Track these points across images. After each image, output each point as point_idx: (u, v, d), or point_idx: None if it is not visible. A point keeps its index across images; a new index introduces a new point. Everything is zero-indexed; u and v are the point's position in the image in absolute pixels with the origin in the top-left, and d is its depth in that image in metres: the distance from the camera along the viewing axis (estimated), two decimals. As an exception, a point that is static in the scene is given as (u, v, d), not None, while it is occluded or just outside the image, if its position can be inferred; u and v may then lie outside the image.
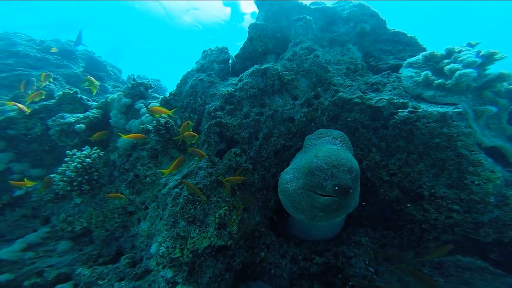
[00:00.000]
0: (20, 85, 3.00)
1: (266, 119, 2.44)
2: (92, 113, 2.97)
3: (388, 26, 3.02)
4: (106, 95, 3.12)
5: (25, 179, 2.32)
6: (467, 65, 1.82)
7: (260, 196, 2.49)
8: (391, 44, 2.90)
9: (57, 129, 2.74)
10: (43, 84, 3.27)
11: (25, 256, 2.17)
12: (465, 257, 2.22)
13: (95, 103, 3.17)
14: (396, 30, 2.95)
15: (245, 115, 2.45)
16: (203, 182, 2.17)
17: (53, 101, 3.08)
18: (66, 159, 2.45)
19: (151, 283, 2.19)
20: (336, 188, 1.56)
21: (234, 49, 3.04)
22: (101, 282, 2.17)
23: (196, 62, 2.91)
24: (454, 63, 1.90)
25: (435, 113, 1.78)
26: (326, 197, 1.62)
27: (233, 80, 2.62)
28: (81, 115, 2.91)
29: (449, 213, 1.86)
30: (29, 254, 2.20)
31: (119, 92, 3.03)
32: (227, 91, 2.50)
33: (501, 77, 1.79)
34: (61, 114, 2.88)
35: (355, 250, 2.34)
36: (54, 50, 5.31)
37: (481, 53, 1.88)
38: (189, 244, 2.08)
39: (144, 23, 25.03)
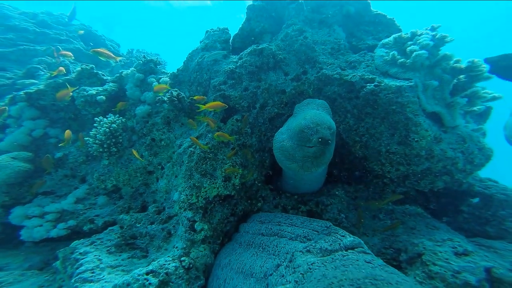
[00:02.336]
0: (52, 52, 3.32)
1: (262, 92, 2.92)
2: (109, 86, 3.38)
3: (372, 8, 3.38)
4: (121, 70, 3.50)
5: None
6: (423, 47, 2.29)
7: (258, 156, 3.04)
8: (373, 25, 3.29)
9: (82, 100, 3.17)
10: (59, 60, 3.61)
11: (77, 207, 2.77)
12: (411, 206, 2.90)
13: (110, 77, 3.56)
14: (378, 12, 3.32)
15: (245, 88, 2.92)
16: (211, 143, 2.70)
17: (73, 75, 3.46)
18: (95, 124, 2.93)
19: (174, 225, 2.78)
20: (320, 139, 2.06)
21: (235, 22, 3.38)
22: (138, 225, 2.77)
23: (201, 42, 3.28)
24: (414, 45, 2.37)
25: (393, 86, 2.30)
26: (312, 147, 2.16)
27: (234, 58, 3.04)
28: (100, 88, 3.32)
29: (398, 166, 2.48)
30: (80, 206, 2.79)
31: (132, 68, 3.41)
32: (229, 68, 2.93)
33: (444, 57, 2.28)
34: (83, 87, 3.29)
35: (332, 200, 2.94)
36: (80, 32, 5.40)
37: (436, 36, 2.34)
38: (203, 192, 2.61)
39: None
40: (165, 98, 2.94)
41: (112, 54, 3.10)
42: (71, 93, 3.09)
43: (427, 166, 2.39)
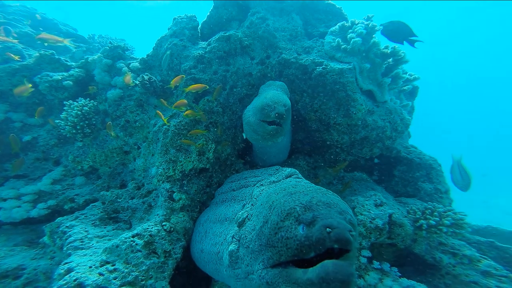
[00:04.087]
0: None
1: (231, 75, 3.22)
2: (75, 72, 3.37)
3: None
4: (85, 56, 3.48)
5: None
6: (358, 35, 2.81)
7: (230, 133, 3.36)
8: (325, 14, 3.74)
9: (46, 85, 3.14)
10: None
11: (55, 188, 2.84)
12: (358, 173, 3.55)
13: (75, 63, 3.52)
14: (330, 2, 3.78)
15: (214, 72, 3.20)
16: (184, 121, 2.96)
17: (31, 61, 3.35)
18: (65, 107, 2.97)
19: (154, 198, 3.02)
20: (276, 114, 2.48)
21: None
22: (120, 200, 2.95)
23: (169, 28, 3.42)
24: (353, 33, 2.88)
25: (337, 68, 2.81)
26: (271, 126, 2.55)
27: (203, 44, 3.27)
28: (66, 74, 3.30)
29: (343, 135, 3.06)
30: (58, 187, 2.86)
31: (99, 54, 3.42)
32: (199, 53, 3.16)
33: (374, 44, 2.85)
34: (45, 72, 3.23)
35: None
36: (38, 17, 4.90)
37: (369, 26, 2.88)
38: (179, 166, 2.88)
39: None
40: (137, 82, 3.09)
41: (59, 38, 3.06)
42: (30, 90, 3.02)
43: (364, 134, 3.00)
